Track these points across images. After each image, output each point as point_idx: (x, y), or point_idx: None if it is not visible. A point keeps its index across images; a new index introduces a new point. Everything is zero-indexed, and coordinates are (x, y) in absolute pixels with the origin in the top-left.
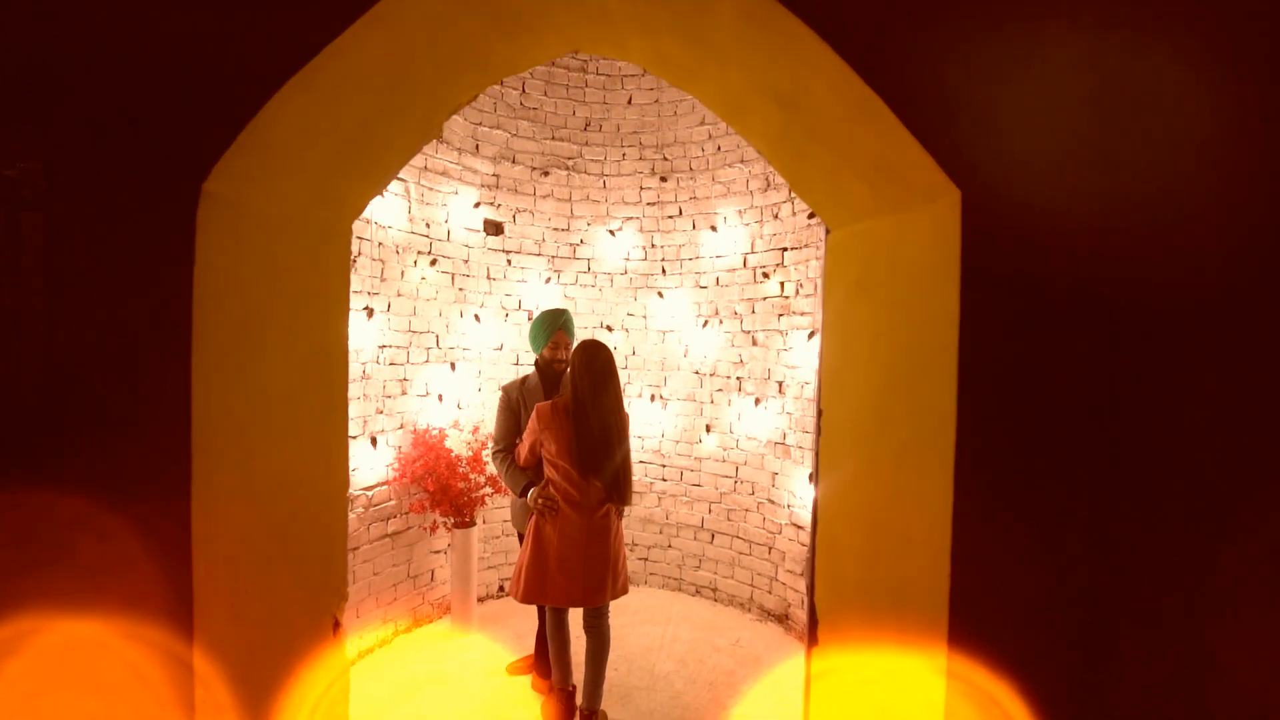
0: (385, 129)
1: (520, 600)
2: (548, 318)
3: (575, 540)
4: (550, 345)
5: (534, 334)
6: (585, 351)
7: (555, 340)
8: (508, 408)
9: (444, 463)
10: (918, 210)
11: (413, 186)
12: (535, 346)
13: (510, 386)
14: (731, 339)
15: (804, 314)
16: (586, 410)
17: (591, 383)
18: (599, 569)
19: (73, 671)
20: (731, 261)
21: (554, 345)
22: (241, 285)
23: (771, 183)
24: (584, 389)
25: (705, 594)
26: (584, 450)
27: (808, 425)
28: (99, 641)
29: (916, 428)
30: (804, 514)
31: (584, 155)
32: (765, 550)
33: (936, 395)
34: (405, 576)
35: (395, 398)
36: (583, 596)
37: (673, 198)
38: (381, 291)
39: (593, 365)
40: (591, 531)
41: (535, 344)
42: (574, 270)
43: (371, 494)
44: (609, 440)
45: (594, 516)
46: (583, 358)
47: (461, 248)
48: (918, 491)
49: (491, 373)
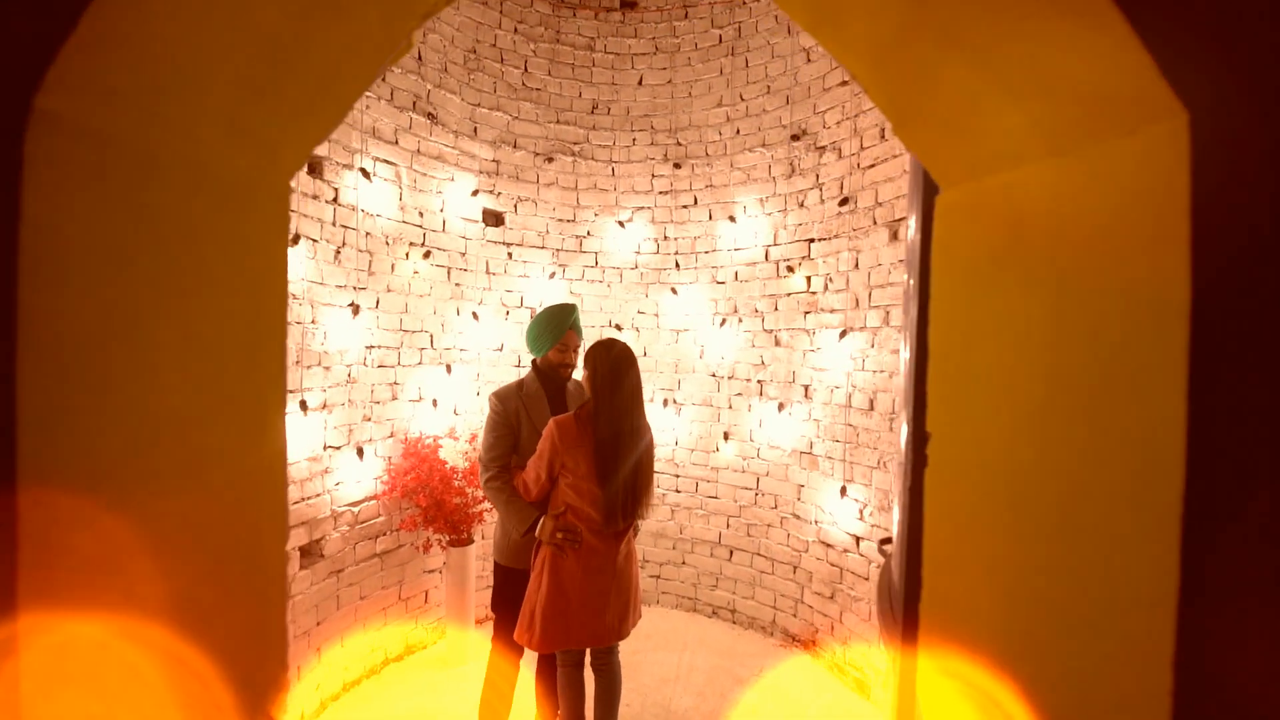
0: (327, 40)
1: (540, 650)
2: (556, 314)
3: (603, 571)
4: (559, 347)
5: (538, 333)
6: (611, 353)
7: (565, 341)
8: (504, 421)
9: (438, 475)
10: (1110, 145)
11: (404, 171)
12: (538, 348)
13: (505, 394)
14: (752, 339)
15: (834, 311)
16: (624, 422)
17: (631, 389)
18: (624, 598)
19: None
20: (752, 254)
21: (563, 347)
22: (111, 251)
23: (797, 168)
24: (624, 397)
25: (723, 615)
26: (620, 470)
27: (838, 434)
28: None
29: (1106, 462)
30: (834, 532)
31: (591, 140)
32: (789, 569)
33: (1145, 414)
34: (396, 599)
35: (385, 403)
36: (611, 633)
37: (687, 186)
38: (369, 286)
39: (630, 370)
40: (619, 559)
41: (539, 345)
42: (580, 264)
43: (358, 510)
44: (650, 457)
45: (621, 542)
46: (610, 361)
47: (458, 239)
48: (1107, 559)
49: (490, 375)
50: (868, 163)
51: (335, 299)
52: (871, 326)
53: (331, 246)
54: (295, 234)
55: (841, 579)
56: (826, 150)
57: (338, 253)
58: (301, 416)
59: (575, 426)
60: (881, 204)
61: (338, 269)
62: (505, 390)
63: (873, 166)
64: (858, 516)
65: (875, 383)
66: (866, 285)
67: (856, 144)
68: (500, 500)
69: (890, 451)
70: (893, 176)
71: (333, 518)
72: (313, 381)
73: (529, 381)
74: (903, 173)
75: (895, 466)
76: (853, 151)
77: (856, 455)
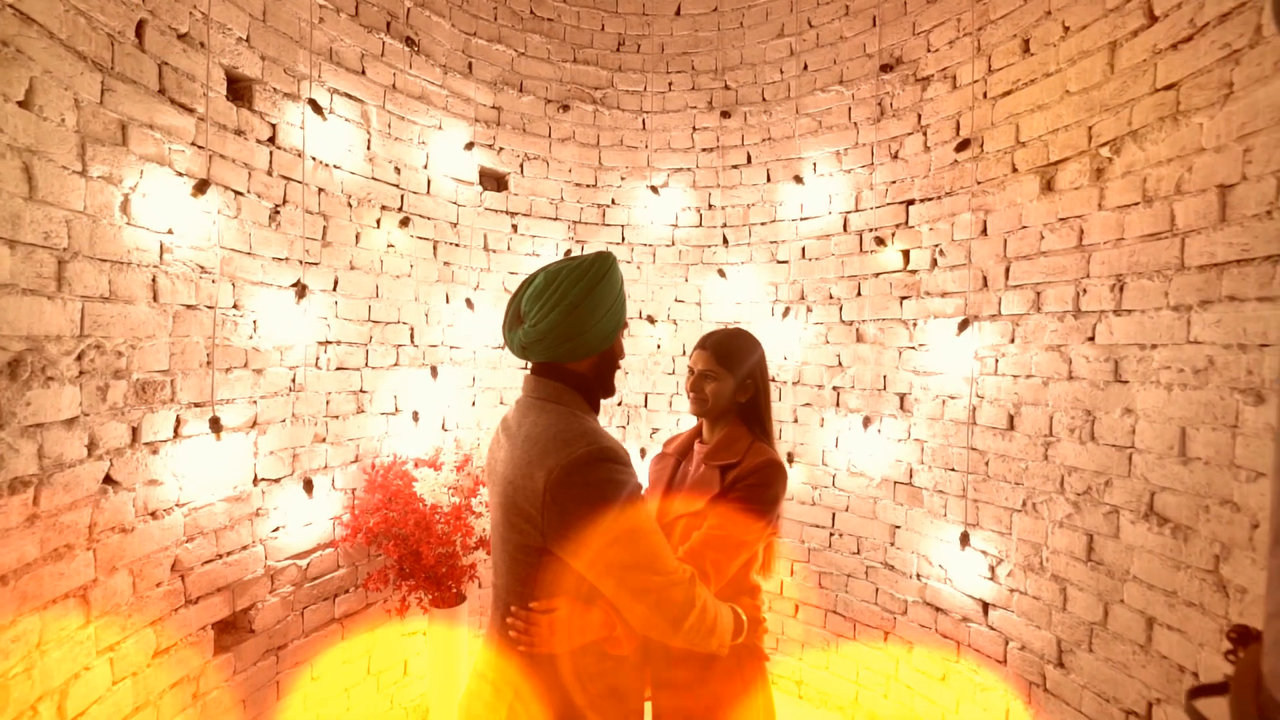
0: None
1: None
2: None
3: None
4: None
5: (611, 303)
6: (759, 350)
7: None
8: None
9: (412, 518)
10: None
11: (374, 111)
12: (610, 331)
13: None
14: (825, 334)
15: (947, 295)
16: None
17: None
18: None
19: None
20: (825, 224)
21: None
22: None
23: (888, 108)
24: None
25: (786, 687)
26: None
27: (955, 460)
28: None
29: None
30: (948, 592)
31: (617, 84)
32: (878, 636)
33: None
34: (363, 675)
35: (346, 418)
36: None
37: (738, 140)
38: (323, 260)
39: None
40: None
41: (611, 325)
42: (602, 241)
43: (306, 563)
44: None
45: None
46: (763, 363)
47: (447, 205)
48: None
49: (490, 380)
50: (1000, 89)
51: (272, 276)
52: (1012, 314)
53: (266, 204)
54: (203, 179)
55: (959, 657)
56: (932, 80)
57: (275, 213)
58: (212, 440)
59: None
60: (1025, 143)
61: (275, 235)
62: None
63: (1008, 94)
64: (987, 575)
65: (1019, 391)
66: (1001, 257)
67: (981, 66)
68: (712, 616)
69: (1046, 489)
70: (1044, 102)
71: (268, 577)
72: (234, 390)
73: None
74: (1065, 93)
75: (1060, 509)
76: (975, 77)
77: (986, 491)
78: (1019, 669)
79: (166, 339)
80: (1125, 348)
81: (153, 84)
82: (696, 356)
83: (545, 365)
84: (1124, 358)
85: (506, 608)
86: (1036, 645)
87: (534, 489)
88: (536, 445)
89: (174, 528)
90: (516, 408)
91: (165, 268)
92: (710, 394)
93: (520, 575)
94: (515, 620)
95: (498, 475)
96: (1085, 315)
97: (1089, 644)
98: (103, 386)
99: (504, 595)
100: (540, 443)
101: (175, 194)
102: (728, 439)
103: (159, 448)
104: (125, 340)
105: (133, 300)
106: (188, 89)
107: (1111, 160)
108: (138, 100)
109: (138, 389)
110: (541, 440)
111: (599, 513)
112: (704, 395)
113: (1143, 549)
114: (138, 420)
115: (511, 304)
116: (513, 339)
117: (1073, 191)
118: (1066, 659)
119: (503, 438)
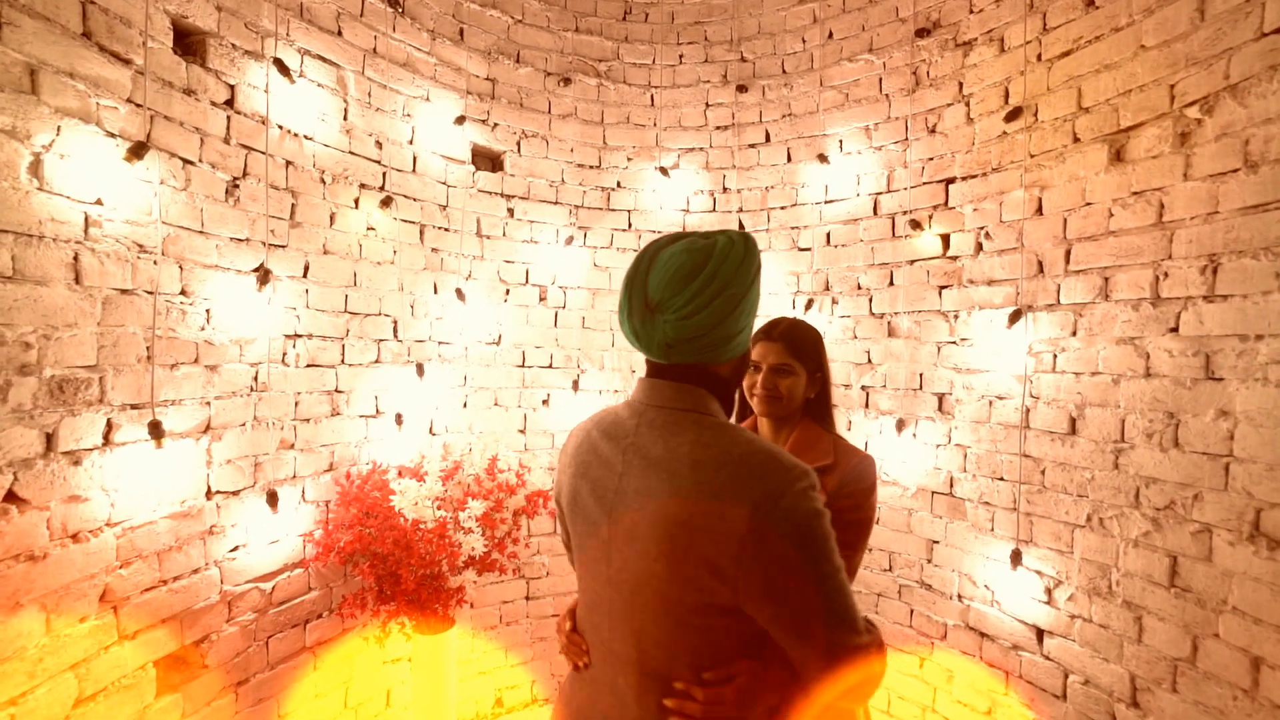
0: None
1: None
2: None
3: None
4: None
5: (753, 304)
6: (822, 338)
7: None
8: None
9: (391, 535)
10: None
11: (351, 77)
12: (738, 338)
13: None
14: (853, 327)
15: (994, 283)
16: None
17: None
18: None
19: None
20: (853, 207)
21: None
22: None
23: (925, 77)
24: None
25: None
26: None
27: (1004, 469)
28: None
29: None
30: (995, 616)
31: (623, 56)
32: (914, 663)
33: None
34: (340, 709)
35: (318, 421)
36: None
37: (756, 117)
38: (292, 243)
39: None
40: None
41: (739, 330)
42: (607, 227)
43: (271, 586)
44: None
45: None
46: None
47: (436, 186)
48: None
49: (483, 379)
50: (1058, 49)
51: (229, 259)
52: (1073, 303)
53: (222, 176)
54: (140, 141)
55: (1008, 689)
56: (976, 44)
57: (233, 186)
58: (152, 448)
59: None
60: (1089, 108)
61: (233, 212)
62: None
63: (1068, 55)
64: (1043, 598)
65: (1082, 391)
66: (1061, 239)
67: (1035, 25)
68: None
69: (1116, 503)
70: (1113, 61)
71: (225, 604)
72: (183, 389)
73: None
74: (1139, 48)
75: (1135, 526)
76: (1027, 38)
77: (1041, 504)
78: (1081, 706)
79: (93, 329)
80: (1220, 339)
81: (74, 24)
82: (764, 349)
83: (683, 367)
84: (1218, 351)
85: (655, 682)
86: (1104, 680)
87: (726, 532)
88: (721, 471)
89: (103, 551)
90: (640, 419)
91: (92, 244)
92: (786, 390)
93: (691, 644)
94: (684, 703)
95: (626, 508)
96: (1166, 303)
97: (1172, 683)
98: (1, 385)
99: (651, 665)
100: (724, 469)
101: (105, 157)
102: (807, 440)
103: (82, 457)
104: (34, 329)
105: (45, 281)
106: (121, 35)
107: (1201, 122)
108: (51, 42)
109: (52, 388)
110: (726, 465)
111: (816, 558)
112: (778, 393)
113: (1245, 575)
114: (53, 425)
115: (632, 289)
116: (648, 333)
117: (1150, 161)
118: (1142, 698)
119: (621, 459)
